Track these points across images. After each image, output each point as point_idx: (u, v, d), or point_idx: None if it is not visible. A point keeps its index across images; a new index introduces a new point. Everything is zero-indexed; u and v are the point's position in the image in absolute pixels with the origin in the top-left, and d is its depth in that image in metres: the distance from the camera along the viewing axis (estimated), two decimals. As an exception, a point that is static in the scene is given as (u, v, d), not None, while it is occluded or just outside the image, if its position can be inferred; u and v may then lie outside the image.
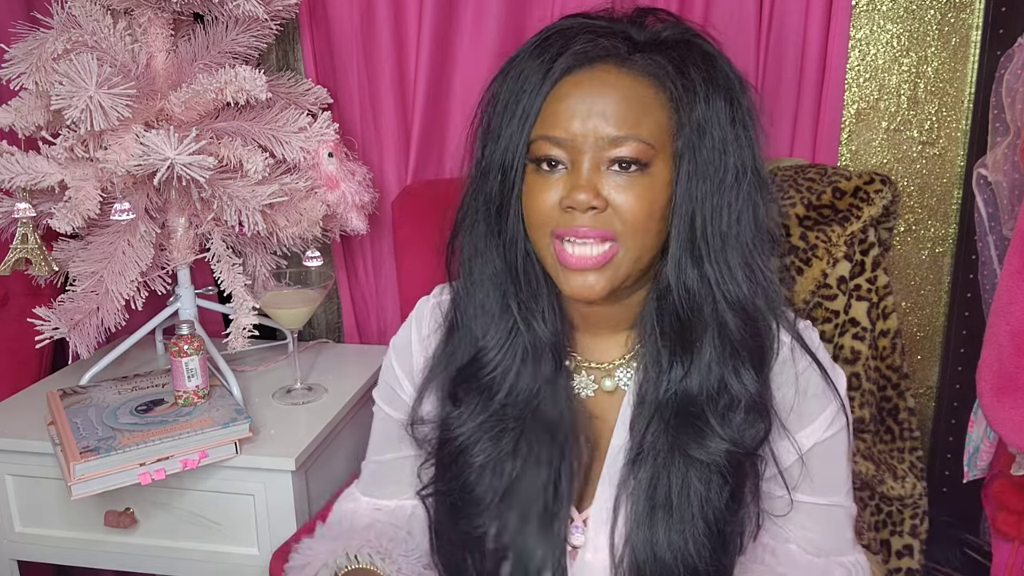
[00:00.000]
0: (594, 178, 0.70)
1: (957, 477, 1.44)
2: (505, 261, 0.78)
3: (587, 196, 0.69)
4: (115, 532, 1.23)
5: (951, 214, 1.44)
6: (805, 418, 0.79)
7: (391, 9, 1.43)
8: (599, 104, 0.69)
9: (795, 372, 0.77)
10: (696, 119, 0.70)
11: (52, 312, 1.28)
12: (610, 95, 0.69)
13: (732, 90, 0.72)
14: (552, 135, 0.71)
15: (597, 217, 0.70)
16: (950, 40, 1.38)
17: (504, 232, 0.77)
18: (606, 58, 0.71)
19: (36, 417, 1.26)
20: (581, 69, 0.71)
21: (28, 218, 1.24)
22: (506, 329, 0.79)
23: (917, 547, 1.29)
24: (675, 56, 0.71)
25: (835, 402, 0.79)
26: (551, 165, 0.72)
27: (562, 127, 0.70)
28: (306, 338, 1.63)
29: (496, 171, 0.75)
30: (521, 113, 0.72)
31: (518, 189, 0.74)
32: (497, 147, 0.74)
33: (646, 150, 0.69)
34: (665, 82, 0.70)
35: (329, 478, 1.30)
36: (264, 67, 1.46)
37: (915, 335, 1.51)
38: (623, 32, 0.72)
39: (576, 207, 0.69)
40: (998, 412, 1.05)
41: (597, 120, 0.69)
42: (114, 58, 1.23)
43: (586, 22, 0.74)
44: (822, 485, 0.81)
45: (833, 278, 1.23)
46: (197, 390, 1.22)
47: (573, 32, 0.72)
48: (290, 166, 1.32)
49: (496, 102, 0.75)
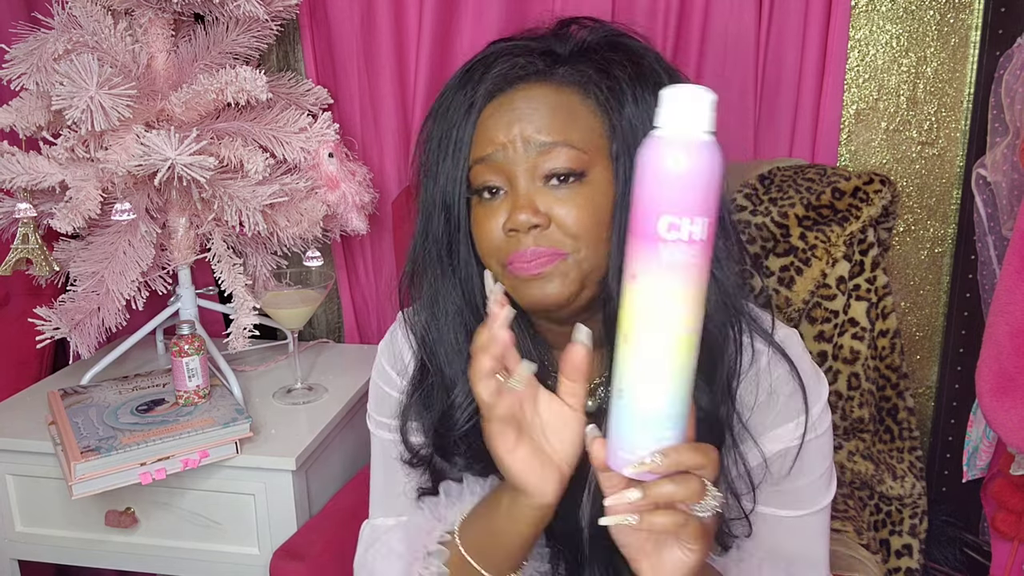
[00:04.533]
0: (532, 195, 0.68)
1: (956, 477, 1.45)
2: (464, 299, 0.75)
3: (527, 215, 0.67)
4: (116, 532, 1.23)
5: (950, 214, 1.45)
6: (774, 422, 0.75)
7: (391, 9, 1.43)
8: (524, 114, 0.68)
9: (769, 381, 0.74)
10: (627, 119, 0.68)
11: (53, 312, 1.28)
12: (535, 107, 0.68)
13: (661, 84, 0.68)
14: (483, 155, 0.69)
15: (542, 235, 0.67)
16: (949, 40, 1.38)
17: (458, 270, 0.75)
18: (526, 77, 0.69)
19: (37, 417, 1.26)
20: (503, 92, 0.69)
21: (29, 218, 1.24)
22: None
23: (916, 547, 1.30)
24: (599, 60, 0.70)
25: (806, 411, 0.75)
26: (492, 192, 0.70)
27: (490, 143, 0.69)
28: (306, 338, 1.64)
29: (439, 210, 0.73)
30: (453, 148, 0.71)
31: (465, 225, 0.73)
32: (436, 186, 0.73)
33: (579, 157, 0.67)
34: (590, 88, 0.69)
35: (329, 478, 1.30)
36: (264, 67, 1.46)
37: (914, 335, 1.51)
38: (545, 49, 0.71)
39: (518, 228, 0.67)
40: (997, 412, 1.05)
41: (524, 126, 0.67)
42: (115, 58, 1.24)
43: (507, 45, 0.72)
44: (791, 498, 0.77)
45: (832, 278, 1.23)
46: (198, 390, 1.22)
47: (493, 58, 0.71)
48: (290, 166, 1.32)
49: (430, 141, 0.74)
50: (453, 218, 0.73)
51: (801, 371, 0.75)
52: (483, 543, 0.73)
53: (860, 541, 1.15)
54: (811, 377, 0.77)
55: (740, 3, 1.35)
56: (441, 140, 0.72)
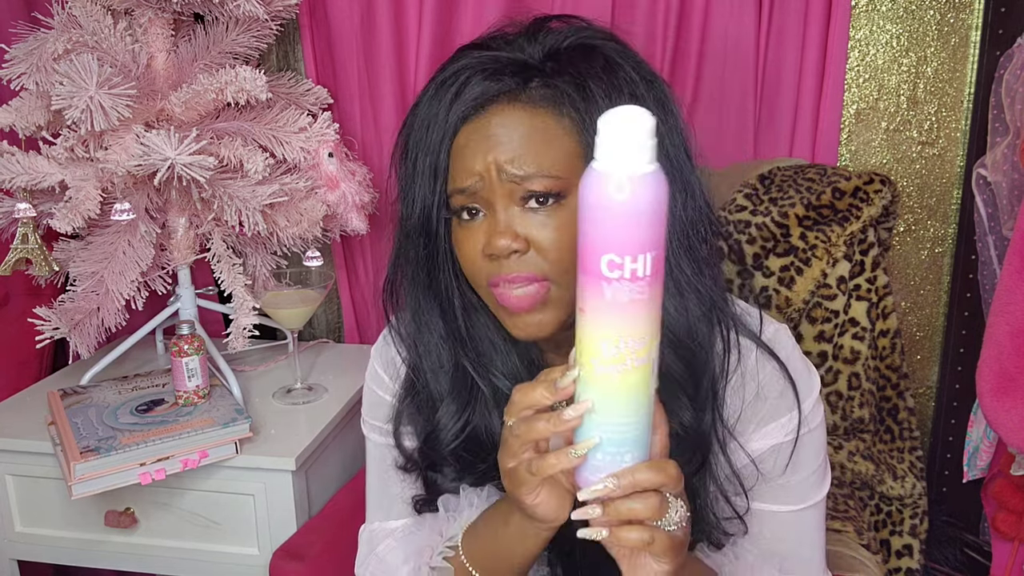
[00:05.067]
0: (511, 220, 0.67)
1: (957, 477, 1.44)
2: (445, 321, 0.76)
3: (505, 242, 0.66)
4: (115, 532, 1.23)
5: (951, 214, 1.45)
6: (764, 420, 0.75)
7: (391, 9, 1.43)
8: (498, 142, 0.67)
9: (757, 381, 0.74)
10: None
11: (52, 312, 1.28)
12: (507, 135, 0.67)
13: (636, 93, 0.68)
14: (461, 187, 0.68)
15: (521, 260, 0.67)
16: (950, 40, 1.38)
17: (439, 292, 0.75)
18: (498, 97, 0.68)
19: (36, 417, 1.26)
20: (476, 116, 0.68)
21: (28, 218, 1.24)
22: (466, 391, 0.77)
23: (917, 547, 1.29)
24: (574, 72, 0.68)
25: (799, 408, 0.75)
26: (471, 213, 0.69)
27: (466, 175, 0.68)
28: (306, 338, 1.64)
29: (418, 232, 0.73)
30: (429, 171, 0.70)
31: (444, 246, 0.72)
32: (414, 208, 0.72)
33: (555, 183, 0.66)
34: (564, 107, 0.67)
35: (329, 478, 1.30)
36: (264, 67, 1.46)
37: (915, 335, 1.51)
38: (516, 60, 0.69)
39: (497, 253, 0.67)
40: (998, 412, 1.05)
41: (498, 155, 0.66)
42: (114, 58, 1.23)
43: (480, 57, 0.70)
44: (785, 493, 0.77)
45: (833, 278, 1.23)
46: (197, 390, 1.22)
47: (464, 73, 0.69)
48: (290, 166, 1.32)
49: (406, 156, 0.73)
50: (432, 240, 0.72)
51: (791, 368, 0.75)
52: (489, 559, 0.74)
53: (860, 541, 1.15)
54: (801, 372, 0.76)
55: (740, 3, 1.35)
56: (417, 160, 0.71)
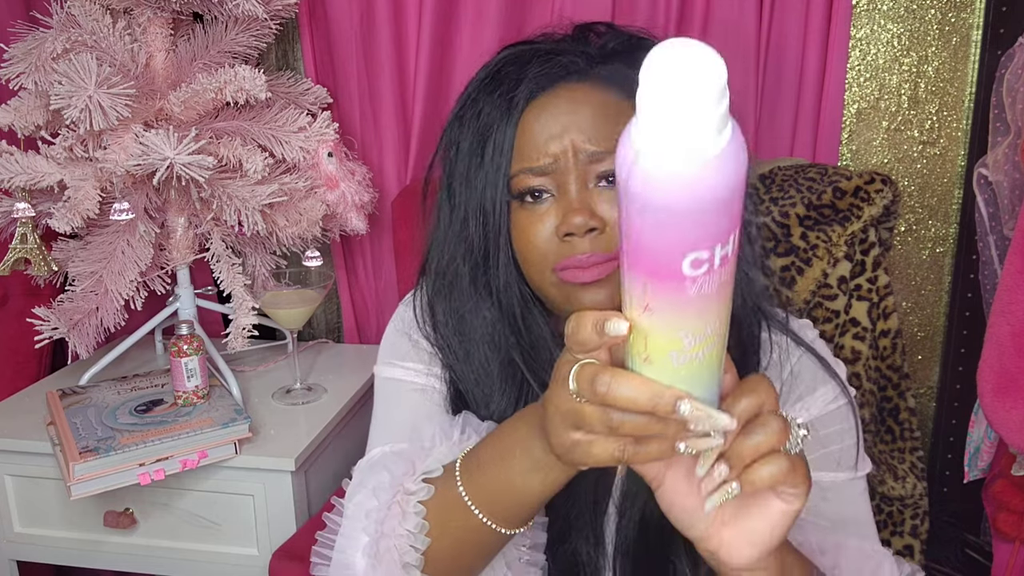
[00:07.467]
0: (586, 197, 0.66)
1: (958, 477, 1.44)
2: (501, 311, 0.72)
3: (583, 218, 0.64)
4: (115, 532, 1.23)
5: (952, 214, 1.44)
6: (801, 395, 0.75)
7: (391, 9, 1.42)
8: (572, 121, 0.66)
9: (790, 364, 0.74)
10: None
11: (51, 312, 1.28)
12: (581, 111, 0.66)
13: None
14: (533, 166, 0.67)
15: (598, 239, 0.65)
16: (950, 40, 1.37)
17: (496, 279, 0.71)
18: (567, 76, 0.67)
19: (36, 417, 1.26)
20: (545, 92, 0.68)
21: (27, 218, 1.24)
22: (514, 391, 0.73)
23: (918, 547, 1.29)
24: (631, 61, 0.67)
25: (832, 380, 0.74)
26: (535, 196, 0.68)
27: (540, 154, 0.67)
28: (306, 338, 1.63)
29: (476, 217, 0.70)
30: (492, 151, 0.68)
31: (505, 231, 0.70)
32: (472, 192, 0.70)
33: None
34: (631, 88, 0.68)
35: (329, 478, 1.30)
36: (264, 67, 1.46)
37: (916, 335, 1.51)
38: (574, 49, 0.70)
39: (574, 231, 0.65)
40: (999, 412, 1.05)
41: (575, 136, 0.66)
42: (113, 58, 1.23)
43: (533, 47, 0.70)
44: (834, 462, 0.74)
45: (834, 278, 1.22)
46: (197, 390, 1.22)
47: (525, 58, 0.69)
48: (290, 166, 1.32)
49: (458, 147, 0.71)
50: (492, 224, 0.70)
51: (820, 352, 0.76)
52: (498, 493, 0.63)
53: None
54: (829, 357, 0.77)
55: (741, 2, 1.35)
56: (473, 145, 0.70)
